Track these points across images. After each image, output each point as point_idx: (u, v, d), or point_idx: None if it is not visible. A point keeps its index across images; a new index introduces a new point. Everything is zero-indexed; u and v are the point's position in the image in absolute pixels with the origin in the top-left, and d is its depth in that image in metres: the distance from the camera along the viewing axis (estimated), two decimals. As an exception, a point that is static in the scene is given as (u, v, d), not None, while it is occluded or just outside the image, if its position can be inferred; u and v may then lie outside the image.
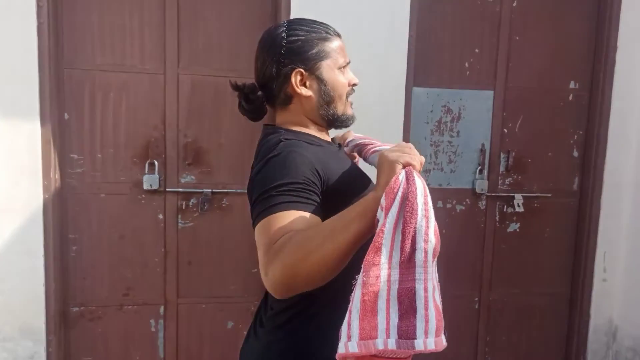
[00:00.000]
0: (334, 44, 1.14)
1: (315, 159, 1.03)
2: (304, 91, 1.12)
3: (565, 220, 3.00)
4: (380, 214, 0.82)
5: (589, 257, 2.92)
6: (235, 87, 1.19)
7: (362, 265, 0.80)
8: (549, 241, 2.99)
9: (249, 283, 2.80)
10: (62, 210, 2.60)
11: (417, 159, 0.91)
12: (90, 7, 2.54)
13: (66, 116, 2.58)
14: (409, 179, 0.83)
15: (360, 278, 0.80)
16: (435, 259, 0.84)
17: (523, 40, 2.83)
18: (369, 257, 0.80)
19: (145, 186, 2.64)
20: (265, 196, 0.97)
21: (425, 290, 0.79)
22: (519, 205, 2.87)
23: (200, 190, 2.69)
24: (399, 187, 0.82)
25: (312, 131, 1.17)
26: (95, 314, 2.70)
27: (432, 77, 2.78)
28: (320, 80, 1.12)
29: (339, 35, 1.16)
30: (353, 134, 1.36)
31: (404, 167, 0.87)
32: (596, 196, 2.88)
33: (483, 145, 2.86)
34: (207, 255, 2.76)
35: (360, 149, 1.22)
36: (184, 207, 2.70)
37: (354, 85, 1.18)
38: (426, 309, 0.78)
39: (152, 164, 2.65)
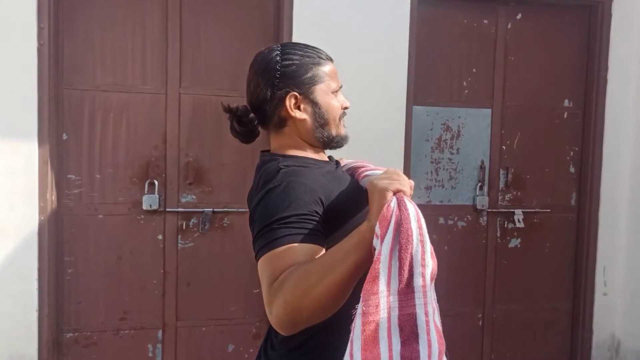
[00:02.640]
0: (327, 69, 1.15)
1: (316, 185, 1.03)
2: (298, 114, 1.12)
3: (564, 235, 3.02)
4: (376, 242, 0.82)
5: (589, 271, 2.95)
6: (228, 109, 1.19)
7: (361, 295, 0.80)
8: (550, 256, 3.00)
9: (250, 304, 2.73)
10: (57, 232, 2.53)
11: (407, 184, 0.91)
12: (91, 28, 2.54)
13: (64, 136, 2.54)
14: (400, 205, 0.84)
15: (359, 307, 0.79)
16: (433, 281, 0.84)
17: (518, 60, 2.91)
18: (367, 286, 0.79)
19: (145, 206, 2.59)
20: (266, 230, 0.96)
21: (426, 314, 0.79)
22: (519, 221, 2.89)
23: (201, 209, 2.65)
24: (392, 214, 0.82)
25: (309, 154, 1.17)
26: (91, 340, 2.60)
27: (432, 96, 2.83)
28: (314, 103, 1.13)
29: (331, 60, 1.18)
30: (345, 160, 1.35)
31: (394, 193, 0.88)
32: (594, 211, 2.93)
33: (482, 162, 2.89)
34: (208, 276, 2.70)
35: (353, 172, 1.22)
36: (184, 227, 2.66)
37: (346, 108, 1.19)
38: (428, 333, 0.78)
39: (152, 184, 2.61)
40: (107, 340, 2.62)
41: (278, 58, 1.12)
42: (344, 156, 1.49)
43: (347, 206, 1.07)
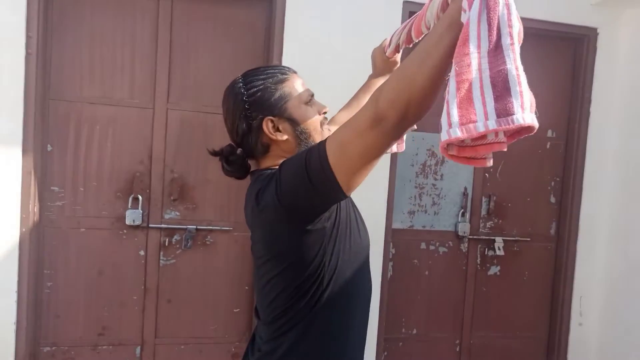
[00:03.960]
0: (293, 83, 1.15)
1: None
2: (279, 136, 1.13)
3: (543, 264, 3.07)
4: (464, 16, 0.83)
5: (566, 301, 3.00)
6: (214, 153, 1.20)
7: (454, 58, 0.81)
8: (528, 285, 3.05)
9: (230, 323, 2.73)
10: (38, 245, 2.51)
11: None
12: (81, 39, 2.52)
13: (49, 148, 2.52)
14: None
15: (452, 70, 0.81)
16: (520, 43, 0.84)
17: (504, 89, 2.94)
18: (458, 49, 0.81)
19: (128, 221, 2.58)
20: (309, 152, 0.96)
21: (517, 69, 0.79)
22: (499, 249, 2.93)
23: (185, 226, 2.64)
24: None
25: None
26: (68, 355, 2.58)
27: (418, 122, 2.85)
28: (291, 120, 1.13)
29: (295, 72, 1.19)
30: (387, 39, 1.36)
31: None
32: (572, 241, 2.98)
33: (465, 189, 2.93)
34: (189, 294, 2.69)
35: (409, 27, 1.20)
36: (166, 244, 2.65)
37: (325, 113, 1.20)
38: (519, 84, 0.78)
39: (136, 199, 2.60)
40: (84, 356, 2.60)
41: (242, 90, 1.13)
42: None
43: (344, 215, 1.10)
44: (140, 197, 2.60)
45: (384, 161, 2.71)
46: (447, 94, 0.81)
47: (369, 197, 2.67)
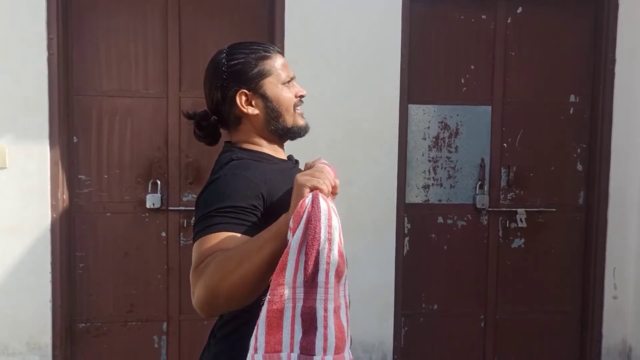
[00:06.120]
0: (274, 62, 1.17)
1: (260, 179, 1.07)
2: (250, 110, 1.15)
3: (571, 235, 2.92)
4: (289, 236, 0.87)
5: (598, 273, 2.83)
6: (188, 115, 1.25)
7: (270, 284, 0.85)
8: (556, 257, 2.91)
9: (249, 300, 2.81)
10: (69, 229, 2.71)
11: (327, 183, 0.94)
12: (97, 37, 2.70)
13: (75, 139, 2.71)
14: (313, 202, 0.87)
15: (267, 296, 0.85)
16: (343, 278, 0.88)
17: (519, 55, 2.83)
18: (274, 276, 0.84)
19: (149, 205, 2.72)
20: (204, 217, 1.02)
21: (325, 310, 0.83)
22: (522, 221, 2.82)
23: (201, 208, 2.75)
24: (304, 211, 0.86)
25: (265, 149, 1.20)
26: (101, 330, 2.77)
27: (428, 94, 2.81)
28: (265, 97, 1.15)
29: (280, 52, 1.21)
30: (321, 160, 1.36)
31: (311, 190, 0.91)
32: (602, 210, 2.81)
33: (483, 160, 2.84)
34: (208, 273, 2.80)
35: None
36: (185, 225, 2.77)
37: (302, 96, 1.21)
38: (325, 327, 0.82)
39: (155, 184, 2.74)
40: (116, 331, 2.78)
41: (224, 60, 1.16)
42: (336, 157, 1.50)
43: (289, 204, 1.11)
44: (159, 182, 2.74)
45: (392, 137, 2.70)
46: (259, 317, 0.85)
47: (378, 174, 2.66)
